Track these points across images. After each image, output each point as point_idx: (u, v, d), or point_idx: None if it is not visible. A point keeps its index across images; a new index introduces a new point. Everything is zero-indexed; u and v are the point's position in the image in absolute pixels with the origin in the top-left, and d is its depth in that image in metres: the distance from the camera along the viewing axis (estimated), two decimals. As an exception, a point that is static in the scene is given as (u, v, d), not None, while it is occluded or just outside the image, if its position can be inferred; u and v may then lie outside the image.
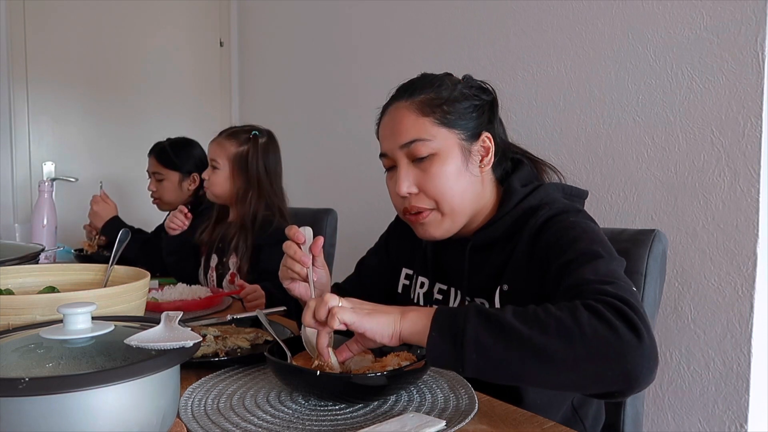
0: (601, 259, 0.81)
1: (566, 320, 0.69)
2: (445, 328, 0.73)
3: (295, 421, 0.74)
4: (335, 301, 0.78)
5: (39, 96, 2.79)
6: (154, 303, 1.33)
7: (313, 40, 2.65)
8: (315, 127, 2.66)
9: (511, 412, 0.79)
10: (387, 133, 1.00)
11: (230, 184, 1.75)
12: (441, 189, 0.95)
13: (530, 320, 0.70)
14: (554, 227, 0.91)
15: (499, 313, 0.72)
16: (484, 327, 0.71)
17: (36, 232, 1.82)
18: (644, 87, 1.46)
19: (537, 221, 0.93)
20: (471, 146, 0.97)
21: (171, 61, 3.07)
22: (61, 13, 2.81)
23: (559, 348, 0.68)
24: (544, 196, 0.98)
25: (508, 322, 0.70)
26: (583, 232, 0.87)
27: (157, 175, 2.16)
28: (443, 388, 0.85)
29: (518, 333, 0.69)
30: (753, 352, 1.28)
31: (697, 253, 1.36)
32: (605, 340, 0.68)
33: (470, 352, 0.70)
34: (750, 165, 1.28)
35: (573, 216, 0.92)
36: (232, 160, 1.74)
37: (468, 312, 0.73)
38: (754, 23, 1.26)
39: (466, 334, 0.71)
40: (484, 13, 1.87)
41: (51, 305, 0.80)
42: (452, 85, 0.99)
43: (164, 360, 0.58)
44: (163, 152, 2.17)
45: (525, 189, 0.99)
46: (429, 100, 0.97)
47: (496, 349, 0.70)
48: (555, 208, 0.94)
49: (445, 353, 0.72)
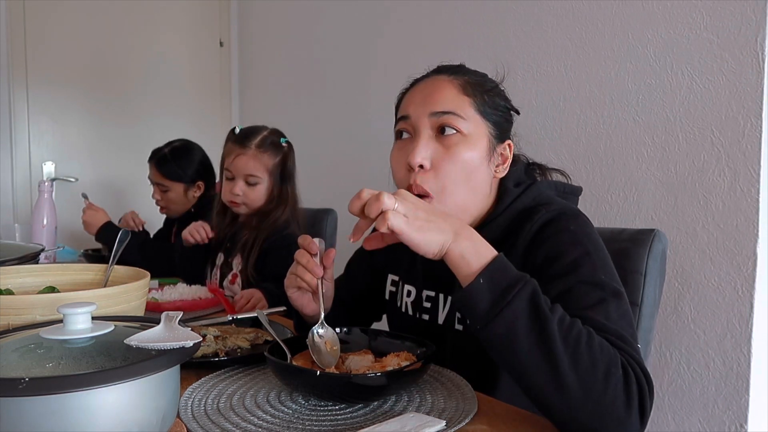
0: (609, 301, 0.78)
1: (600, 367, 0.68)
2: (496, 285, 0.71)
3: (295, 421, 0.74)
4: (391, 202, 0.73)
5: (39, 96, 2.79)
6: (154, 303, 1.33)
7: (313, 40, 2.65)
8: (315, 127, 2.66)
9: (511, 412, 0.79)
10: (417, 98, 0.94)
11: (268, 196, 1.71)
12: (455, 173, 0.89)
13: (571, 340, 0.69)
14: (553, 237, 0.86)
15: (549, 313, 0.70)
16: (528, 317, 0.69)
17: (36, 232, 1.82)
18: (644, 87, 1.46)
19: (533, 226, 0.89)
20: (497, 146, 0.94)
21: (171, 62, 3.07)
22: (61, 13, 2.81)
23: (576, 386, 0.67)
24: (537, 194, 0.95)
25: (551, 330, 0.69)
26: (586, 253, 0.83)
27: (161, 186, 2.13)
28: (443, 388, 0.85)
29: (552, 345, 0.68)
30: (753, 352, 1.28)
31: (697, 253, 1.36)
32: (616, 411, 0.68)
33: (500, 326, 0.70)
34: (750, 165, 1.28)
35: (572, 222, 0.88)
36: (272, 172, 1.70)
37: (523, 290, 0.71)
38: (754, 23, 1.26)
39: (509, 307, 0.69)
40: (484, 13, 1.87)
41: (51, 305, 0.80)
42: (493, 81, 0.98)
43: (164, 360, 0.58)
44: (164, 162, 2.12)
45: (517, 189, 0.96)
46: (474, 83, 0.94)
47: (524, 342, 0.69)
48: (552, 210, 0.91)
49: (476, 305, 0.71)
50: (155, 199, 2.18)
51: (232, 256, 1.74)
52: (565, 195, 1.00)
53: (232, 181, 1.70)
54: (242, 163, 1.68)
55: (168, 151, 2.14)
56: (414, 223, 0.74)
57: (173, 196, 2.13)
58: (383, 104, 2.38)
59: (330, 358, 0.85)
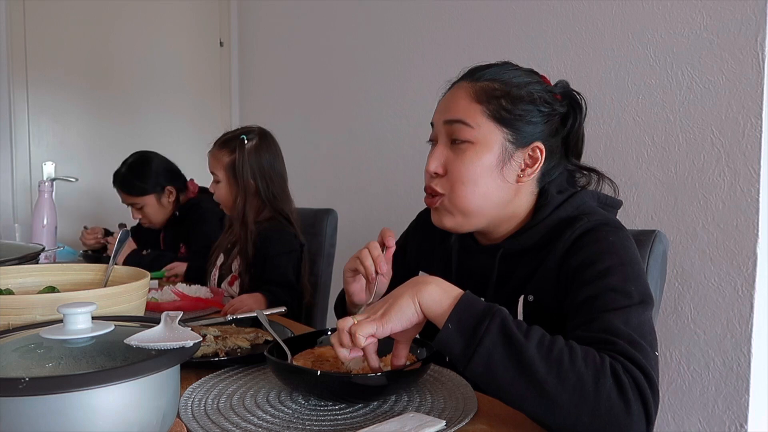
0: (633, 308, 0.77)
1: (587, 380, 0.67)
2: (464, 326, 0.71)
3: (295, 421, 0.74)
4: (348, 323, 0.75)
5: (39, 96, 2.79)
6: (154, 303, 1.33)
7: (313, 40, 2.65)
8: (315, 127, 2.66)
9: (511, 412, 0.78)
10: (441, 106, 0.98)
11: (231, 194, 1.72)
12: (462, 178, 0.91)
13: (552, 361, 0.68)
14: (592, 245, 0.86)
15: (522, 339, 0.69)
16: (503, 348, 0.69)
17: (36, 232, 1.82)
18: (644, 87, 1.46)
19: (574, 233, 0.88)
20: (515, 151, 0.92)
21: (171, 61, 3.07)
22: (61, 13, 2.81)
23: (567, 404, 0.67)
24: (580, 204, 0.93)
25: (529, 355, 0.68)
26: (620, 264, 0.82)
27: (135, 205, 2.14)
28: (443, 388, 0.85)
29: (533, 370, 0.68)
30: (753, 352, 1.28)
31: (697, 253, 1.36)
32: (615, 418, 0.67)
33: (478, 365, 0.70)
34: (750, 165, 1.28)
35: (612, 233, 0.87)
36: (227, 170, 1.71)
37: (492, 323, 0.71)
38: (754, 23, 1.26)
39: (481, 345, 0.69)
40: (484, 13, 1.87)
41: (51, 305, 0.80)
42: (524, 83, 0.94)
43: (164, 360, 0.58)
44: (125, 182, 2.13)
45: (561, 196, 0.94)
46: (490, 89, 0.92)
47: (505, 374, 0.69)
48: (594, 219, 0.89)
49: (454, 349, 0.71)
50: (137, 219, 2.19)
51: (231, 258, 1.73)
52: (605, 207, 0.98)
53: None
54: (209, 162, 1.76)
55: (125, 170, 2.15)
56: (376, 317, 0.75)
57: (150, 210, 2.14)
58: (383, 104, 2.39)
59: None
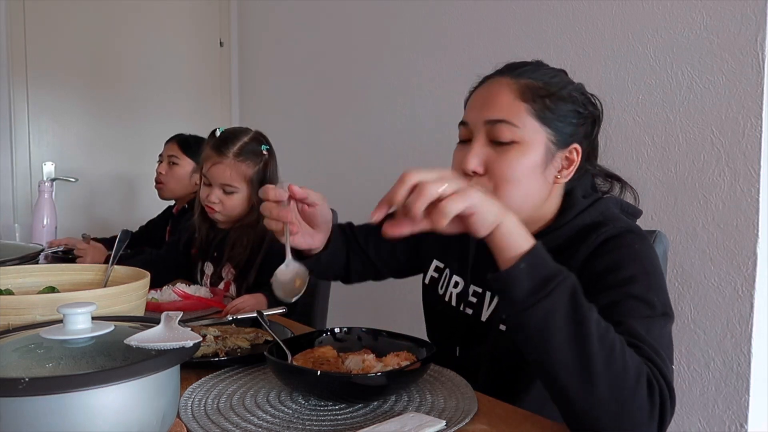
0: (655, 319, 0.78)
1: (631, 373, 0.69)
2: (536, 272, 0.70)
3: (295, 421, 0.74)
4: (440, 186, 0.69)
5: (39, 96, 2.78)
6: (154, 303, 1.33)
7: (313, 40, 2.65)
8: (315, 127, 2.66)
9: (511, 412, 0.79)
10: (477, 103, 0.92)
11: (246, 204, 1.65)
12: (508, 179, 0.87)
13: (607, 343, 0.69)
14: (616, 251, 0.85)
15: (587, 310, 0.69)
16: (567, 310, 0.69)
17: (36, 232, 1.82)
18: (644, 87, 1.46)
19: (598, 237, 0.87)
20: (557, 152, 0.90)
21: (171, 61, 3.07)
22: (61, 13, 2.81)
23: (604, 388, 0.68)
24: (604, 209, 0.93)
25: (588, 327, 0.68)
26: (644, 272, 0.82)
27: (173, 158, 2.17)
28: (443, 388, 0.85)
29: (588, 342, 0.68)
30: (753, 352, 1.28)
31: (697, 253, 1.36)
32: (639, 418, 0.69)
33: (536, 315, 0.69)
34: (750, 165, 1.28)
35: (638, 241, 0.86)
36: (250, 182, 1.63)
37: (564, 282, 0.70)
38: (754, 23, 1.26)
39: (548, 298, 0.68)
40: (484, 13, 1.87)
41: (51, 305, 0.80)
42: (564, 83, 0.93)
43: (164, 360, 0.58)
44: (185, 141, 2.21)
45: (586, 201, 0.94)
46: (534, 87, 0.90)
47: (558, 336, 0.68)
48: (618, 226, 0.88)
49: (518, 290, 0.69)
50: (159, 173, 2.19)
51: (221, 266, 1.69)
52: (627, 215, 0.98)
53: (209, 186, 1.65)
54: (219, 171, 1.62)
55: (191, 136, 2.24)
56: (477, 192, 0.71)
57: (179, 171, 2.17)
58: (383, 103, 2.39)
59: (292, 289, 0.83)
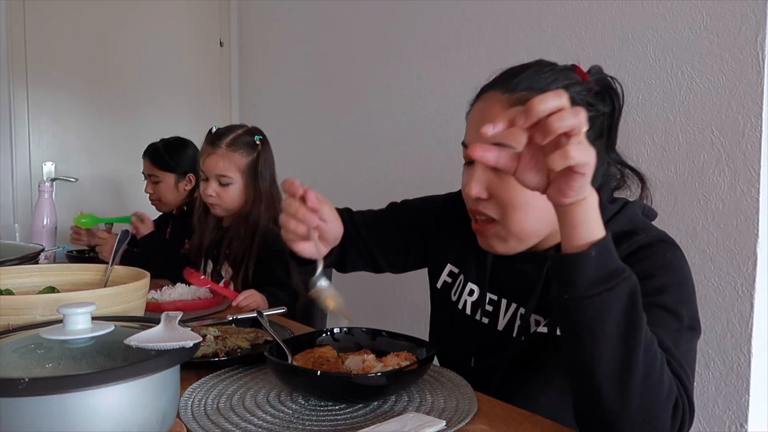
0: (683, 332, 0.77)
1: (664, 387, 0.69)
2: (604, 263, 0.68)
3: (295, 421, 0.74)
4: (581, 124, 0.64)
5: (39, 96, 2.79)
6: (154, 303, 1.33)
7: (313, 40, 2.65)
8: (315, 127, 2.66)
9: (511, 412, 0.79)
10: (473, 123, 0.89)
11: (244, 196, 1.67)
12: (514, 204, 0.83)
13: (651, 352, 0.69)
14: (649, 260, 0.83)
15: (641, 316, 0.69)
16: (624, 310, 0.68)
17: (36, 232, 1.82)
18: (644, 87, 1.46)
19: (630, 246, 0.84)
20: None
21: (171, 61, 3.07)
22: (61, 13, 2.81)
23: (635, 399, 0.68)
24: (633, 216, 0.89)
25: (639, 334, 0.68)
26: (677, 283, 0.81)
27: (153, 177, 2.15)
28: (443, 388, 0.85)
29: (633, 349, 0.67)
30: (753, 352, 1.28)
31: (697, 253, 1.36)
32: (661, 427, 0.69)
33: (593, 307, 0.68)
34: (750, 165, 1.28)
35: (670, 251, 0.85)
36: (245, 172, 1.65)
37: (628, 279, 0.68)
38: (754, 23, 1.26)
39: (611, 292, 0.67)
40: (484, 13, 1.87)
41: (51, 305, 0.80)
42: (563, 87, 0.84)
43: (164, 360, 0.58)
44: (156, 154, 2.16)
45: (613, 207, 0.89)
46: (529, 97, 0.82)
47: (609, 334, 0.68)
48: (651, 235, 0.86)
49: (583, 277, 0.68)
50: (148, 193, 2.19)
51: (220, 264, 1.70)
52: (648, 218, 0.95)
53: (206, 182, 1.68)
54: (213, 162, 1.65)
55: (161, 144, 2.19)
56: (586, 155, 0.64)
57: (164, 187, 2.15)
58: (383, 103, 2.39)
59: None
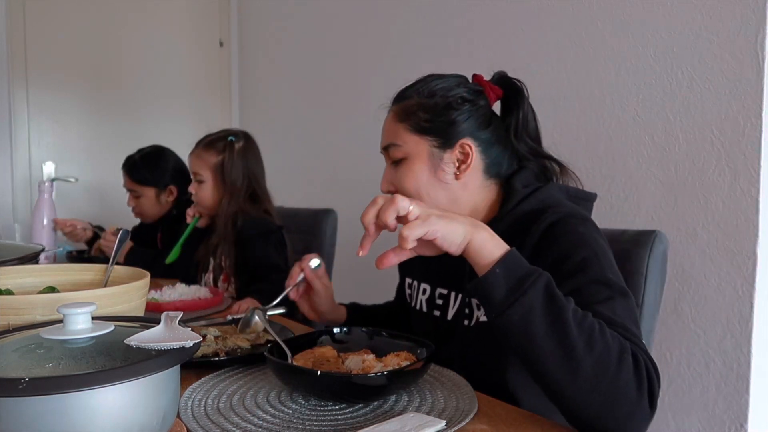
0: (617, 299, 0.80)
1: (613, 352, 0.71)
2: (511, 275, 0.73)
3: (295, 421, 0.74)
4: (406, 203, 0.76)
5: (39, 96, 2.79)
6: (154, 303, 1.33)
7: (313, 40, 2.65)
8: (315, 127, 2.66)
9: (511, 412, 0.79)
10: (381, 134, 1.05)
11: (216, 194, 1.74)
12: (406, 192, 0.98)
13: (585, 328, 0.71)
14: (561, 238, 0.87)
15: (562, 302, 0.72)
16: (544, 303, 0.72)
17: (36, 232, 1.82)
18: (644, 87, 1.46)
19: (540, 226, 0.89)
20: (443, 153, 0.97)
21: (171, 62, 3.07)
22: (61, 13, 2.81)
23: (590, 371, 0.70)
24: (545, 197, 0.95)
25: (566, 316, 0.71)
26: (594, 255, 0.85)
27: (134, 192, 2.14)
28: (443, 388, 0.85)
29: (567, 331, 0.70)
30: (753, 352, 1.28)
31: (697, 253, 1.36)
32: (629, 395, 0.70)
33: (516, 313, 0.71)
34: (750, 165, 1.28)
35: (581, 225, 0.88)
36: (214, 171, 1.73)
37: (538, 280, 0.73)
38: (754, 23, 1.26)
39: (525, 296, 0.71)
40: (484, 14, 1.87)
41: (51, 305, 0.80)
42: (440, 89, 0.99)
43: (164, 360, 0.58)
44: (135, 168, 2.13)
45: (525, 190, 0.96)
46: (408, 106, 1.00)
47: (538, 329, 0.71)
48: (560, 211, 0.90)
49: (496, 293, 0.73)
50: (130, 206, 2.19)
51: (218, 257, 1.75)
52: (577, 200, 1.00)
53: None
54: (191, 162, 1.78)
55: (138, 157, 2.16)
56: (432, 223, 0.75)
57: (145, 201, 2.14)
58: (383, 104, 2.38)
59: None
